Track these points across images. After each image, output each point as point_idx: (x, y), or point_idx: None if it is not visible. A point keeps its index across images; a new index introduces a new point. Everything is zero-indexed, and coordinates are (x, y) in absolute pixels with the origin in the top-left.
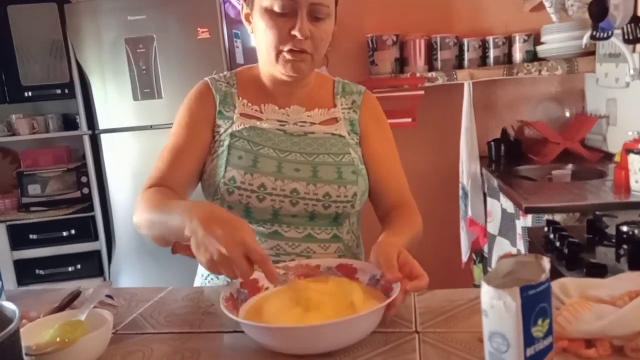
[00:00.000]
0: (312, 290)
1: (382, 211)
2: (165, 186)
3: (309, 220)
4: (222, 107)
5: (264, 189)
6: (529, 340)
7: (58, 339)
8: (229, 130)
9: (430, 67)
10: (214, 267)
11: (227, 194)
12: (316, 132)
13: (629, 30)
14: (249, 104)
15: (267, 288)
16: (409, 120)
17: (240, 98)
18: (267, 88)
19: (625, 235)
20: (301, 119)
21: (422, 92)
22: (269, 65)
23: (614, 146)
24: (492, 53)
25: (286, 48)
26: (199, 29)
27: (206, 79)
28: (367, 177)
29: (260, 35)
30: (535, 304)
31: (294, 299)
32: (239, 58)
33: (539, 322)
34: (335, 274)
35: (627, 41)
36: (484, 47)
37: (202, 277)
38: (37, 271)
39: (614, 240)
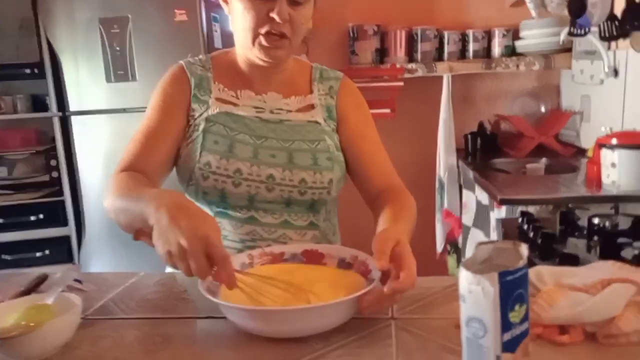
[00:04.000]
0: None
1: (369, 194)
2: (138, 170)
3: (285, 207)
4: (197, 91)
5: (239, 174)
6: (506, 325)
7: (23, 323)
8: (204, 115)
9: (410, 58)
10: (171, 259)
11: (202, 179)
12: (292, 120)
13: (606, 27)
14: (225, 89)
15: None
16: (388, 111)
17: (216, 82)
18: (243, 73)
19: (596, 227)
20: (278, 106)
21: (401, 83)
22: (245, 49)
23: (587, 142)
24: (471, 47)
25: (263, 30)
26: (176, 10)
27: (181, 62)
28: (343, 164)
29: (238, 17)
30: (513, 290)
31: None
32: (217, 42)
33: (516, 307)
34: (300, 261)
35: (603, 38)
36: (463, 40)
37: None
38: (3, 256)
39: (585, 232)
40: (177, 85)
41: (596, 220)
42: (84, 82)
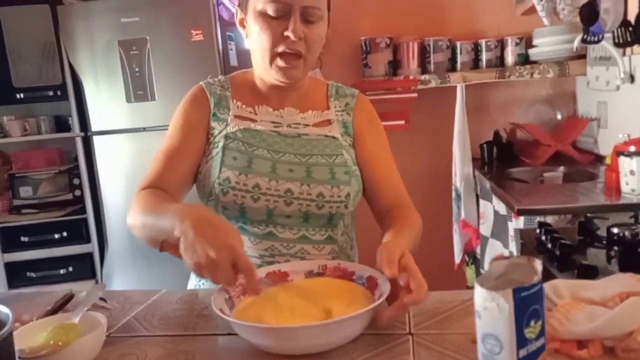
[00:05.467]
0: (295, 297)
1: (379, 212)
2: (160, 188)
3: (303, 221)
4: (216, 110)
5: (258, 189)
6: (521, 341)
7: (51, 342)
8: (224, 132)
9: (424, 69)
10: (200, 269)
11: (222, 194)
12: (310, 134)
13: (620, 33)
14: (243, 106)
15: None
16: (403, 122)
17: (235, 100)
18: (261, 91)
19: (616, 237)
20: (295, 121)
21: (415, 94)
22: (263, 70)
23: (605, 148)
24: (484, 56)
25: (280, 49)
26: (192, 31)
27: (201, 83)
28: (360, 178)
29: (255, 39)
30: (527, 306)
31: (278, 304)
32: (233, 60)
33: (532, 323)
34: (267, 284)
35: (617, 45)
36: (476, 50)
37: (196, 279)
38: (28, 274)
39: (604, 242)
40: (198, 106)
41: (615, 230)
42: (105, 102)
